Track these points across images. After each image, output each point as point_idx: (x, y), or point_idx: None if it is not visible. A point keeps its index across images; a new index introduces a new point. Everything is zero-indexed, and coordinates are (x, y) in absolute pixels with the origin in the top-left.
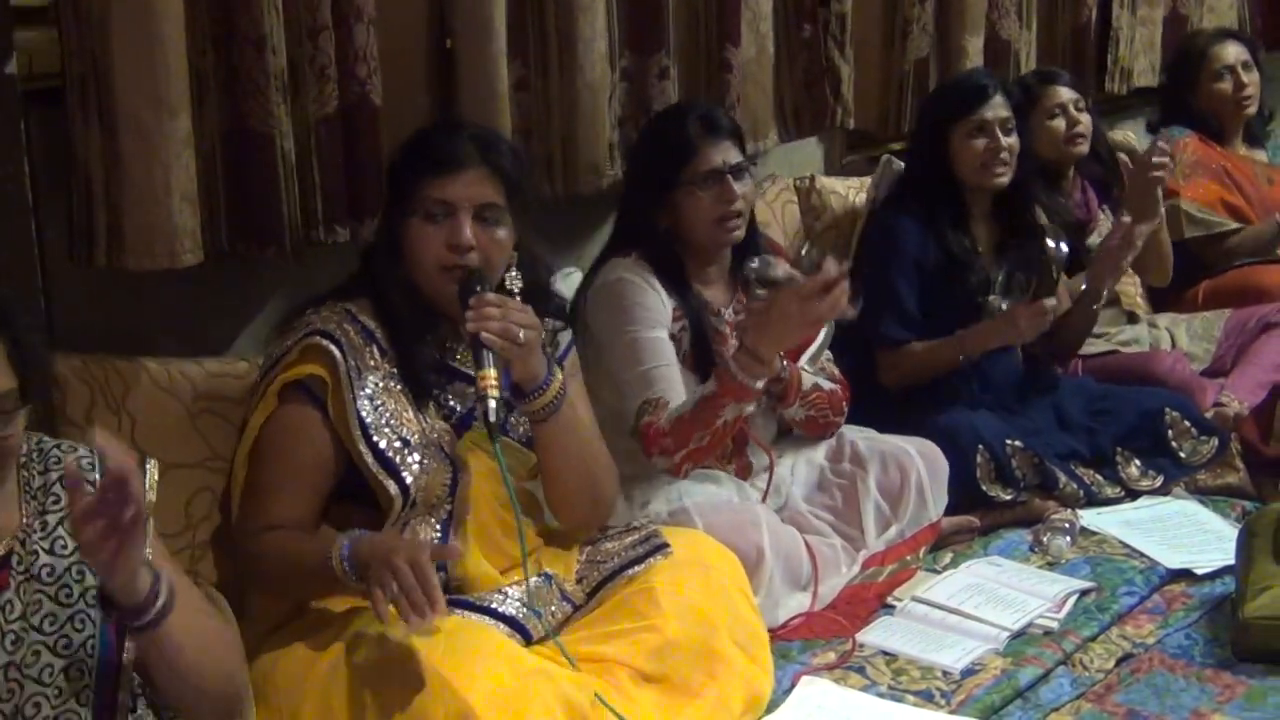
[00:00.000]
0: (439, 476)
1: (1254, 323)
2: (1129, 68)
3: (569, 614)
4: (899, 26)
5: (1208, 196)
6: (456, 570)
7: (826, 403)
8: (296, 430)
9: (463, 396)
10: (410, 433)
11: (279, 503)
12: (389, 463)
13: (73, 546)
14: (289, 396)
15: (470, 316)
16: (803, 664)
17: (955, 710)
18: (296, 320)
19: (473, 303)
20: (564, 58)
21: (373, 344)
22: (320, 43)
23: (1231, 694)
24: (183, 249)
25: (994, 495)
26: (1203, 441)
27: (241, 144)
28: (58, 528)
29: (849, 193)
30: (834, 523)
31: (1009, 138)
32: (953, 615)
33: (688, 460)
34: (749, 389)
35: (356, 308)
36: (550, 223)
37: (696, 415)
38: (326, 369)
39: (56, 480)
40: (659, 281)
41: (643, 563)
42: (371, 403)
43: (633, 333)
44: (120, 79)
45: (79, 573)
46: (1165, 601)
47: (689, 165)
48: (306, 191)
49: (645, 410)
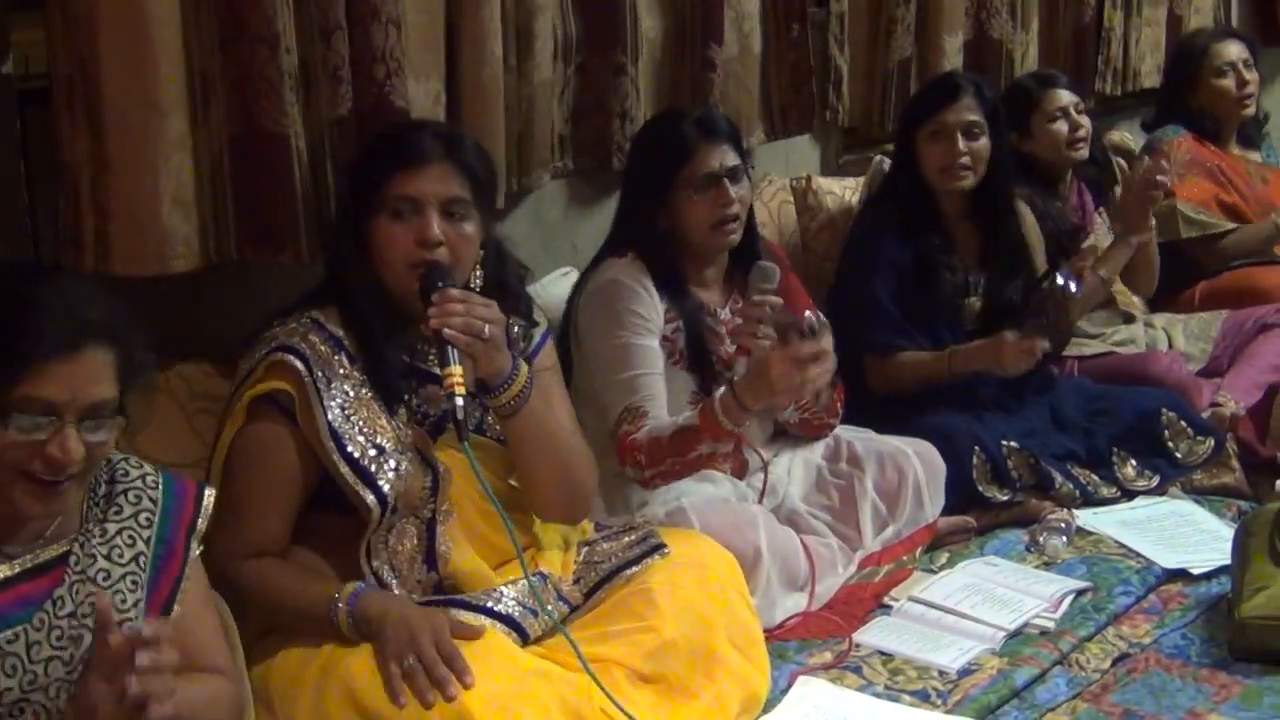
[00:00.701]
0: (417, 481)
1: (1251, 323)
2: (1134, 68)
3: (566, 614)
4: (884, 25)
5: (1202, 196)
6: (449, 568)
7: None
8: (266, 445)
9: (435, 400)
10: (385, 439)
11: (253, 524)
12: (364, 472)
13: (130, 555)
14: (257, 411)
15: (433, 313)
16: (799, 664)
17: (951, 710)
18: (264, 333)
19: (435, 299)
20: (520, 54)
21: (341, 352)
22: (334, 43)
23: (1227, 694)
24: (173, 254)
25: (990, 495)
26: (1199, 442)
27: (252, 146)
28: (116, 536)
29: (845, 192)
30: (831, 523)
31: (973, 142)
32: (949, 615)
33: (658, 478)
34: (728, 432)
35: (324, 316)
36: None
37: (673, 443)
38: (292, 384)
39: (121, 492)
40: (654, 284)
41: (640, 563)
42: (343, 412)
43: (622, 338)
44: (108, 80)
45: (133, 583)
46: (1161, 601)
47: (685, 168)
48: (321, 194)
49: (625, 419)
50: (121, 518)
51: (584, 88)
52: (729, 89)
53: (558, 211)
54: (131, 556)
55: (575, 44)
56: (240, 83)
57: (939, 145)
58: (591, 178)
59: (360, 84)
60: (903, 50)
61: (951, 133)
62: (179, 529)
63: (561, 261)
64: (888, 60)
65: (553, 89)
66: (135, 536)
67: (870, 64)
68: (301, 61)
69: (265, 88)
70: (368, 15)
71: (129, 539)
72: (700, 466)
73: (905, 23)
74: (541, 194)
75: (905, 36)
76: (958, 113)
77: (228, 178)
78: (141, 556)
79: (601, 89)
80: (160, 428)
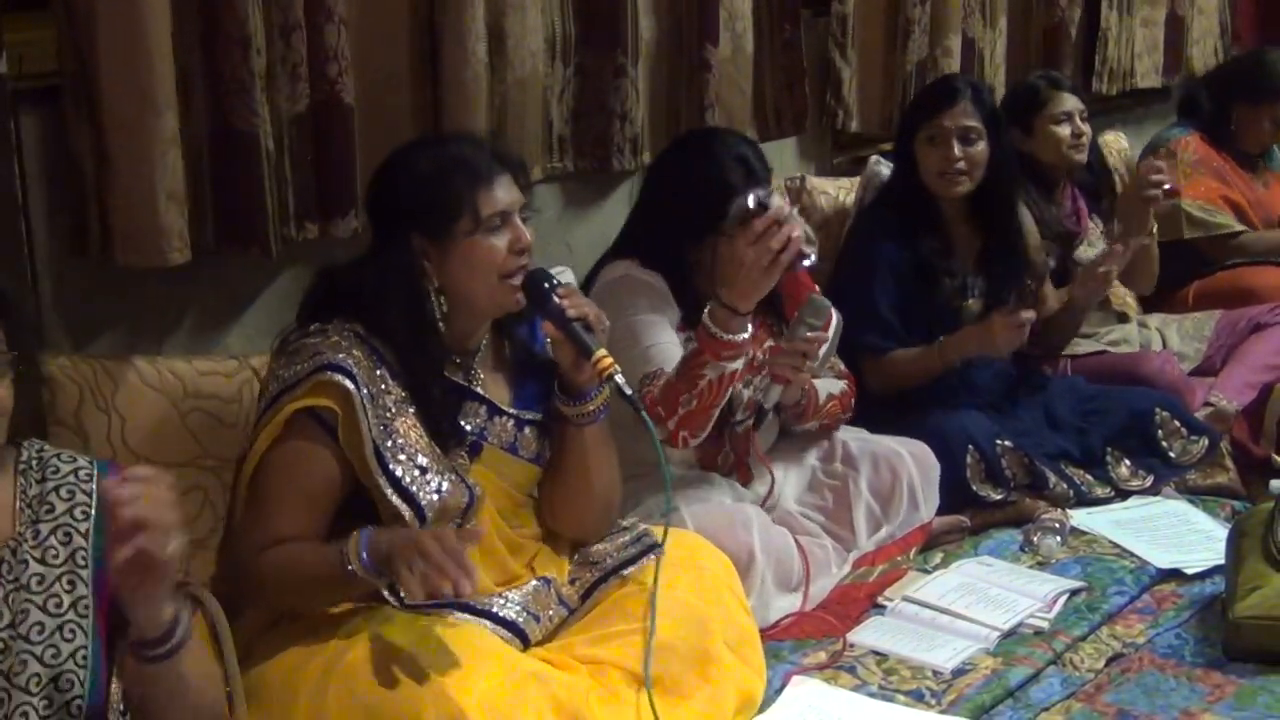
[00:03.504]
0: (456, 500)
1: (1244, 323)
2: (1127, 69)
3: (564, 617)
4: (901, 27)
5: (1209, 194)
6: None
7: (839, 407)
8: (306, 455)
9: (475, 417)
10: (425, 457)
11: (283, 519)
12: (405, 491)
13: (65, 555)
14: (298, 423)
15: (568, 304)
16: (794, 664)
17: (946, 710)
18: (300, 340)
19: (562, 292)
20: (494, 53)
21: (382, 366)
22: (293, 41)
23: (1221, 694)
24: (170, 248)
25: (984, 495)
26: (1193, 441)
27: (227, 143)
28: (50, 536)
29: (839, 193)
30: (825, 523)
31: (970, 147)
32: (943, 615)
33: (682, 426)
34: (726, 342)
35: (363, 328)
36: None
37: (681, 378)
38: (338, 403)
39: (53, 490)
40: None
41: (636, 563)
42: (385, 430)
43: (632, 316)
44: (107, 77)
45: (70, 582)
46: (1155, 601)
47: (728, 215)
48: (281, 189)
49: (644, 384)
50: (54, 516)
51: (584, 89)
52: (722, 89)
53: (553, 212)
54: (68, 555)
55: (574, 45)
56: (215, 82)
57: (936, 150)
58: (588, 178)
59: (315, 81)
60: (920, 52)
61: (948, 138)
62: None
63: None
64: (905, 62)
65: (544, 89)
66: (71, 532)
67: (888, 66)
68: (266, 60)
69: (237, 87)
70: (321, 15)
71: (64, 536)
72: (719, 397)
73: (921, 24)
74: (536, 193)
75: (921, 38)
76: (954, 118)
77: (206, 174)
78: (80, 552)
79: (602, 90)
80: (153, 427)
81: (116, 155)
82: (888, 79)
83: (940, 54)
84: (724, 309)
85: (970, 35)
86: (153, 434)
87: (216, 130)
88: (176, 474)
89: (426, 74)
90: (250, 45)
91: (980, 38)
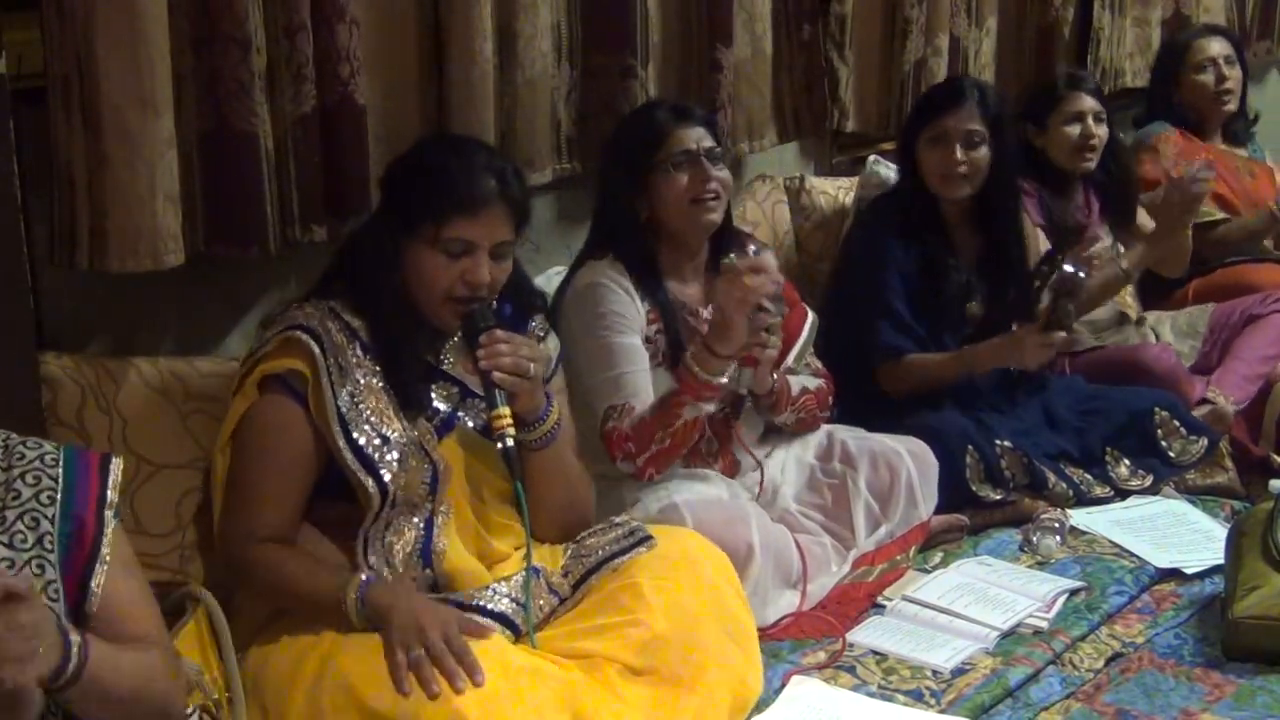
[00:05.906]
0: (418, 475)
1: (1238, 316)
2: (1118, 68)
3: (555, 606)
4: (899, 27)
5: None
6: (443, 567)
7: (815, 403)
8: (278, 426)
9: (446, 397)
10: (390, 430)
11: (264, 507)
12: (367, 459)
13: (32, 540)
14: (269, 388)
15: (481, 355)
16: (793, 663)
17: (945, 710)
18: (281, 314)
19: (484, 340)
20: (503, 53)
21: (355, 342)
22: (298, 42)
23: (1220, 693)
24: (166, 250)
25: (983, 495)
26: (1192, 441)
27: (224, 144)
28: (17, 522)
29: (839, 193)
30: (824, 522)
31: (973, 151)
32: (943, 615)
33: (650, 464)
34: (707, 384)
35: (340, 305)
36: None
37: (657, 416)
38: (306, 363)
39: (19, 476)
40: (634, 285)
41: (627, 554)
42: (352, 399)
43: (604, 337)
44: (105, 79)
45: (39, 566)
46: (1155, 601)
47: (662, 148)
48: (284, 191)
49: (610, 415)
50: (21, 502)
51: (591, 90)
52: (740, 91)
53: (551, 214)
54: (35, 539)
55: (581, 46)
56: (212, 82)
57: (938, 151)
58: (587, 180)
59: (325, 82)
60: (917, 52)
61: (951, 140)
62: (87, 503)
63: (555, 264)
64: (902, 62)
65: (552, 90)
66: (39, 517)
67: (885, 66)
68: (267, 60)
69: (236, 88)
70: (333, 15)
71: (31, 521)
72: (690, 439)
73: (919, 24)
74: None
75: (919, 38)
76: (959, 120)
77: (199, 175)
78: (47, 537)
79: (610, 91)
80: (154, 428)
81: (114, 157)
82: (884, 79)
83: (930, 53)
84: (705, 350)
85: (956, 34)
86: (154, 435)
87: (211, 132)
88: (177, 474)
89: (434, 74)
90: (250, 45)
91: (965, 36)
